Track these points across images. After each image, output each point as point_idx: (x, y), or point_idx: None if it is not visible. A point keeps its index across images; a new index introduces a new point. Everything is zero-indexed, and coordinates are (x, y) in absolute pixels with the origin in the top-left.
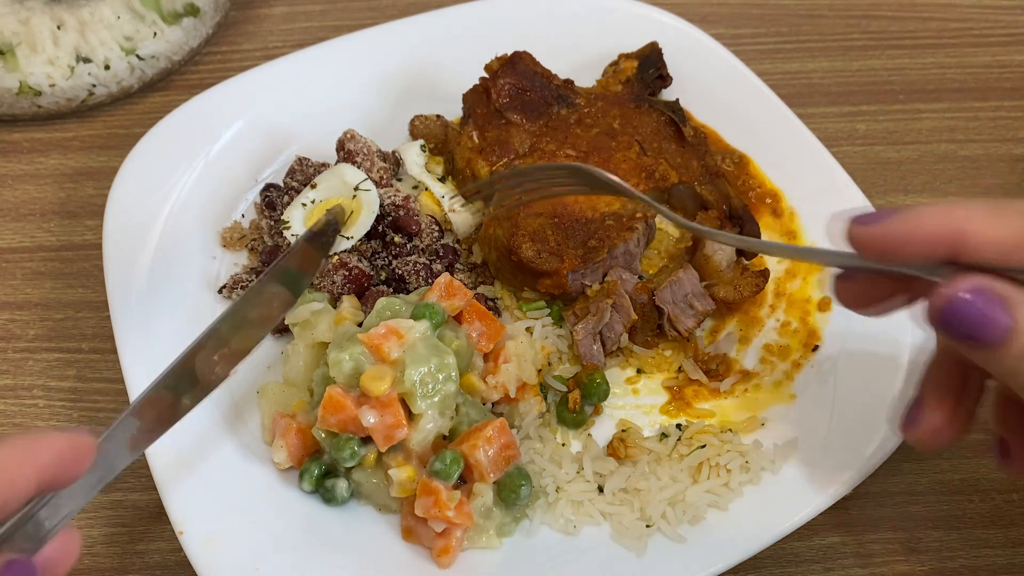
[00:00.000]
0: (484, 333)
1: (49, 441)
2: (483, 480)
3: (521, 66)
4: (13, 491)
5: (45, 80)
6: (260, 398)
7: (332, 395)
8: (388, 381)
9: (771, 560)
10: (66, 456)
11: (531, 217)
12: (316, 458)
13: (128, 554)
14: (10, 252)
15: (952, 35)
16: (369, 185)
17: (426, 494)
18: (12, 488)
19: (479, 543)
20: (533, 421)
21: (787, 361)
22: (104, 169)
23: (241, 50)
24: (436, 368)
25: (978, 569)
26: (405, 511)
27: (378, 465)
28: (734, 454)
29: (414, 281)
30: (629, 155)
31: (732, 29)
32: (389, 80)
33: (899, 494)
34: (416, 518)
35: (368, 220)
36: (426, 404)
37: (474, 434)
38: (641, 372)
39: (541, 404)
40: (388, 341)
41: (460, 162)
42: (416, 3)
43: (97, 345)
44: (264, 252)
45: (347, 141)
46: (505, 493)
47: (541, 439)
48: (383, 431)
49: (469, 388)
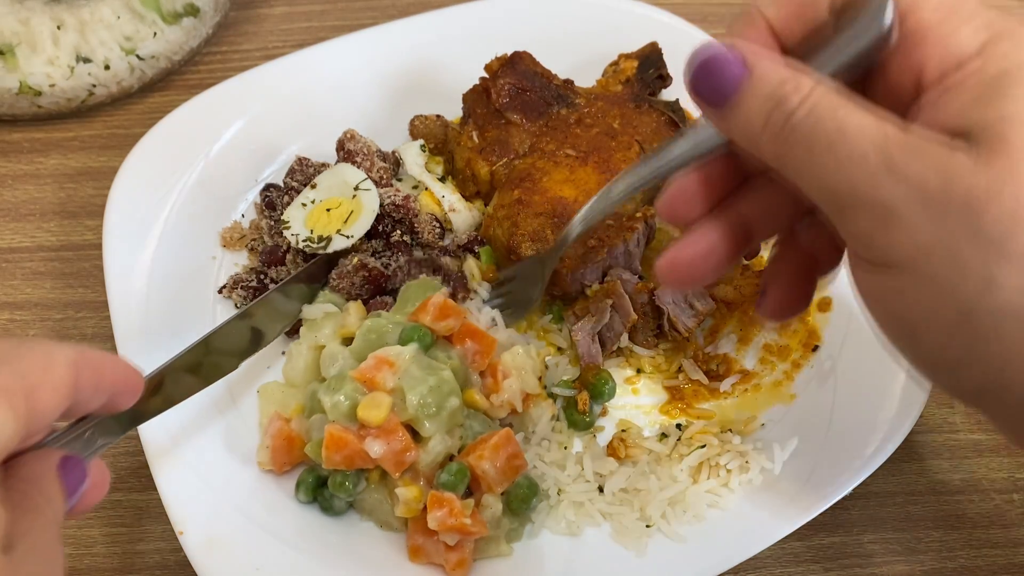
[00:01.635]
0: (477, 351)
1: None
2: (491, 491)
3: (521, 66)
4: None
5: (45, 80)
6: (260, 398)
7: (333, 433)
8: (385, 408)
9: (771, 560)
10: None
11: (531, 217)
12: (312, 469)
13: (128, 554)
14: (10, 252)
15: None
16: (369, 185)
17: (439, 506)
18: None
19: (491, 552)
20: (547, 426)
21: (787, 361)
22: (104, 169)
23: (241, 50)
24: (435, 384)
25: (978, 569)
26: (412, 530)
27: (381, 482)
28: (734, 454)
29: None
30: (629, 155)
31: None
32: (389, 80)
33: (899, 494)
34: (424, 535)
35: (368, 219)
36: (433, 425)
37: (479, 445)
38: (641, 372)
39: (553, 408)
40: (381, 372)
41: (460, 162)
42: (416, 3)
43: (97, 345)
44: (263, 252)
45: (347, 141)
46: (516, 504)
47: (548, 442)
48: (392, 458)
49: (472, 404)
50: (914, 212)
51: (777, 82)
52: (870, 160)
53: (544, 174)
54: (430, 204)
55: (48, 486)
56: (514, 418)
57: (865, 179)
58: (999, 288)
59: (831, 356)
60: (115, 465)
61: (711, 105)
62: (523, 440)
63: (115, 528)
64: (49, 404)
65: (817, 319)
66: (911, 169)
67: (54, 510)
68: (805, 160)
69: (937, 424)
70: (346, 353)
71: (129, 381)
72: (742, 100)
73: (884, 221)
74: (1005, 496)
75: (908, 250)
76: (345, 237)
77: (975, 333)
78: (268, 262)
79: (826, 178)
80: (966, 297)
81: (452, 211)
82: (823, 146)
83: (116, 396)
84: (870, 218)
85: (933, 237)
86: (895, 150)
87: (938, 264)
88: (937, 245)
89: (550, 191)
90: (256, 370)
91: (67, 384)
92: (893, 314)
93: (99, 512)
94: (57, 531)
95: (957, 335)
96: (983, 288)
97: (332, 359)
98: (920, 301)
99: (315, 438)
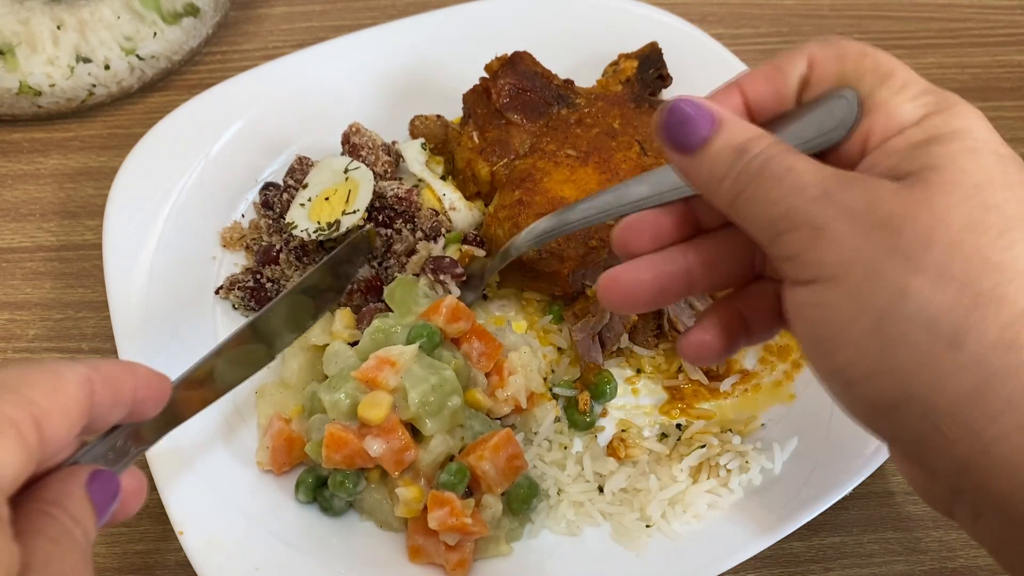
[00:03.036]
0: (483, 352)
1: (138, 369)
2: (491, 492)
3: (521, 66)
4: (118, 402)
5: (45, 80)
6: (258, 398)
7: (333, 433)
8: (386, 406)
9: (771, 560)
10: (152, 387)
11: (532, 217)
12: (312, 469)
13: (128, 554)
14: (10, 252)
15: (952, 35)
16: (357, 164)
17: (439, 505)
18: (117, 399)
19: (491, 552)
20: (550, 427)
21: (787, 361)
22: (104, 169)
23: (241, 50)
24: (437, 384)
25: (978, 569)
26: (411, 531)
27: (381, 482)
28: (734, 454)
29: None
30: (629, 155)
31: (732, 29)
32: (389, 80)
33: (899, 494)
34: (424, 536)
35: (368, 190)
36: (435, 424)
37: (480, 445)
38: (641, 372)
39: (557, 409)
40: (383, 372)
41: (460, 162)
42: (416, 3)
43: (97, 345)
44: (257, 252)
45: (352, 135)
46: (516, 505)
47: (549, 442)
48: (391, 457)
49: (474, 404)
50: (841, 229)
51: (743, 136)
52: (809, 190)
53: (545, 174)
54: (431, 201)
55: (75, 506)
56: (516, 418)
57: (802, 204)
58: (910, 298)
59: None
60: None
61: (680, 151)
62: (523, 440)
63: (115, 528)
64: (60, 428)
65: None
66: (843, 195)
67: (84, 530)
68: (754, 196)
69: None
70: (350, 352)
71: (153, 388)
72: (710, 149)
73: (814, 238)
74: None
75: (833, 264)
76: (352, 213)
77: (886, 340)
78: (262, 261)
79: (769, 209)
80: (880, 306)
81: (452, 209)
82: (772, 182)
83: (139, 406)
84: (801, 237)
85: (856, 252)
86: (831, 182)
87: (858, 276)
88: (859, 259)
89: (551, 191)
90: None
91: (79, 404)
92: (815, 326)
93: None
94: (84, 553)
95: (871, 343)
96: (896, 298)
97: (335, 357)
98: (840, 312)
99: (315, 438)
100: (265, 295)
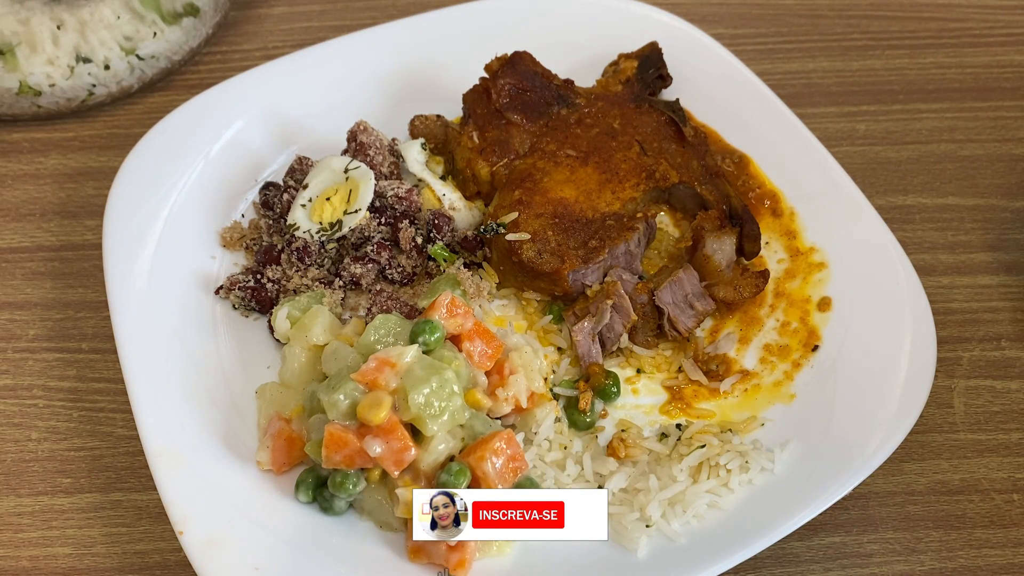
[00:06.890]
0: (485, 352)
1: None
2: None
3: (521, 66)
4: None
5: (45, 80)
6: (258, 398)
7: (332, 433)
8: (386, 407)
9: (771, 560)
10: None
11: (532, 218)
12: (312, 469)
13: (128, 554)
14: (10, 252)
15: (952, 35)
16: (357, 164)
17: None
18: None
19: (491, 552)
20: (550, 427)
21: (787, 361)
22: (104, 169)
23: (241, 50)
24: (438, 385)
25: (978, 569)
26: (411, 530)
27: (381, 482)
28: (734, 454)
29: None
30: (629, 155)
31: (732, 29)
32: (389, 80)
33: (899, 494)
34: None
35: (368, 190)
36: (437, 425)
37: (481, 446)
38: (641, 372)
39: (557, 409)
40: (382, 373)
41: (460, 162)
42: (416, 3)
43: (97, 345)
44: (258, 252)
45: (360, 132)
46: None
47: (549, 443)
48: (391, 457)
49: (474, 404)
50: None
51: None
52: None
53: (545, 174)
54: (431, 200)
55: None
56: (516, 418)
57: None
58: None
59: (831, 356)
60: (115, 465)
61: None
62: (524, 440)
63: (115, 528)
64: None
65: (817, 319)
66: None
67: None
68: None
69: (937, 424)
70: (350, 351)
71: None
72: None
73: None
74: (1005, 496)
75: None
76: (354, 213)
77: None
78: (263, 261)
79: None
80: None
81: (452, 209)
82: None
83: None
84: None
85: None
86: None
87: None
88: None
89: (551, 191)
90: (254, 371)
91: None
92: None
93: (99, 512)
94: None
95: None
96: None
97: (334, 355)
98: None
99: (315, 438)
100: (265, 295)
